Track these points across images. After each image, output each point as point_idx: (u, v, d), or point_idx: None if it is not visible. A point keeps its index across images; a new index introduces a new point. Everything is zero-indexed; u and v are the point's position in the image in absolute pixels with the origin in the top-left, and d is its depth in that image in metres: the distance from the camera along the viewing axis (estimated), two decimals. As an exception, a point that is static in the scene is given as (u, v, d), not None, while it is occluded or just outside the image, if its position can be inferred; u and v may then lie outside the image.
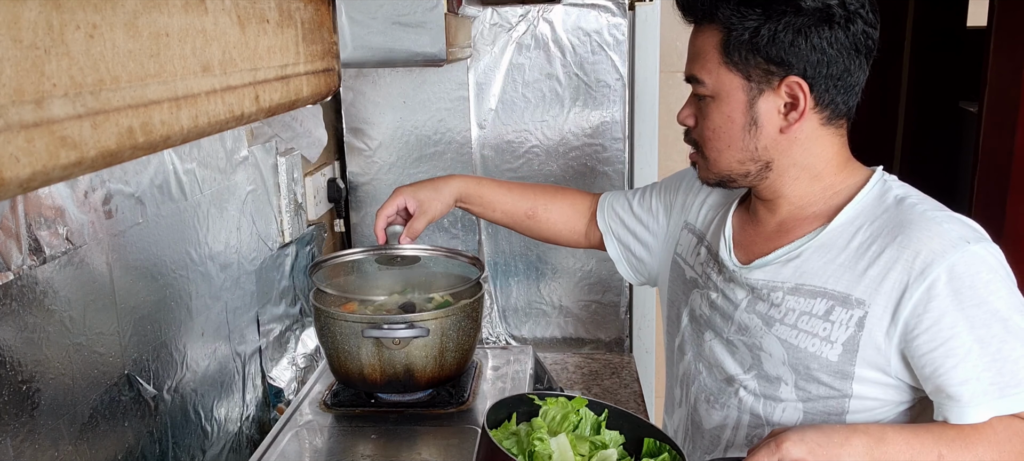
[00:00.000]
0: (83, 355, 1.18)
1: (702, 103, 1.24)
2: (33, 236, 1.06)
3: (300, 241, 2.02)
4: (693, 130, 1.28)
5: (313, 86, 0.94)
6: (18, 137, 0.46)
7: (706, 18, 1.21)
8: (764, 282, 1.28)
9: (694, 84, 1.24)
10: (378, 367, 1.68)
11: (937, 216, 1.17)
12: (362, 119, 2.27)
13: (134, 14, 0.57)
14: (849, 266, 1.19)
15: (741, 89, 1.20)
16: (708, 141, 1.25)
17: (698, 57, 1.23)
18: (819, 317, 1.21)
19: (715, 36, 1.19)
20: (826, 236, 1.23)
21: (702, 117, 1.25)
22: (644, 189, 1.65)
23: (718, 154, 1.25)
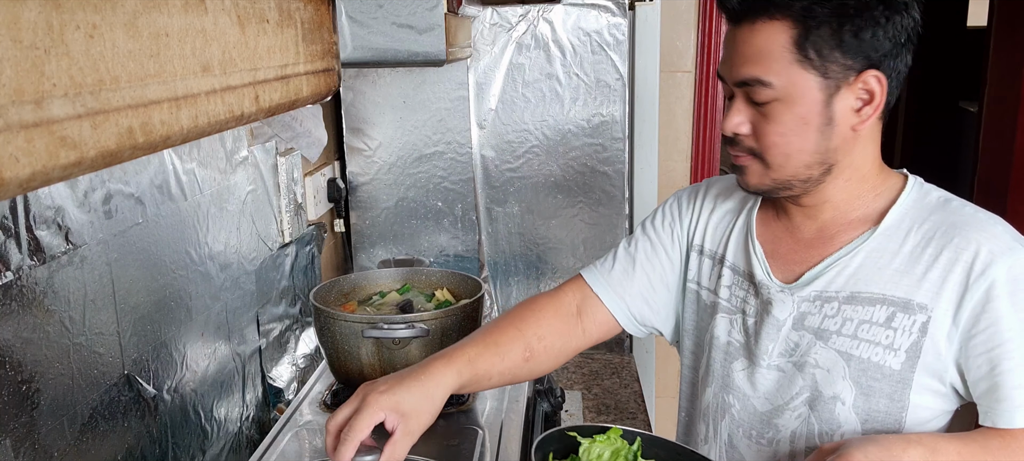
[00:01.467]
0: (83, 355, 1.18)
1: (764, 107, 1.13)
2: (33, 236, 1.06)
3: (300, 241, 2.02)
4: (745, 138, 1.17)
5: (313, 86, 0.94)
6: (18, 137, 0.46)
7: (771, 13, 1.10)
8: (816, 294, 1.20)
9: (752, 87, 1.13)
10: (378, 367, 1.68)
11: (986, 218, 1.15)
12: (362, 119, 2.26)
13: (134, 14, 0.57)
14: (906, 270, 1.15)
15: (817, 88, 1.11)
16: (773, 147, 1.14)
17: (761, 57, 1.11)
18: (880, 324, 1.15)
19: (785, 32, 1.10)
20: (877, 240, 1.17)
21: (765, 122, 1.14)
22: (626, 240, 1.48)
23: (785, 159, 1.15)
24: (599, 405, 2.15)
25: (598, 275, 1.46)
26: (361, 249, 2.35)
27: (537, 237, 2.34)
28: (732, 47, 1.15)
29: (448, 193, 2.29)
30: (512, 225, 2.33)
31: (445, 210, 2.31)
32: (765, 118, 1.13)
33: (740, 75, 1.13)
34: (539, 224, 2.32)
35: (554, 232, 2.33)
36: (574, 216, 2.30)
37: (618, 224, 2.29)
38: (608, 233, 2.30)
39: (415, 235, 2.33)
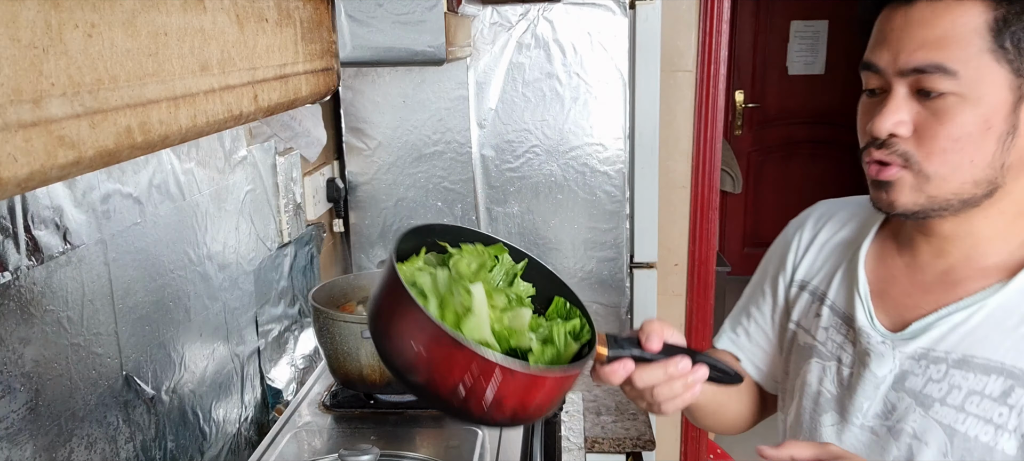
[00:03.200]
0: (81, 355, 1.17)
1: (936, 103, 0.94)
2: (31, 236, 1.06)
3: (299, 241, 2.01)
4: (902, 140, 0.97)
5: (312, 85, 0.94)
6: (16, 137, 0.46)
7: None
8: (922, 352, 1.02)
9: (930, 77, 0.93)
10: (377, 368, 1.67)
11: None
12: (361, 118, 2.26)
13: (132, 13, 0.56)
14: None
15: (1008, 86, 0.92)
16: (942, 153, 0.95)
17: (947, 40, 0.92)
18: (994, 399, 0.96)
19: (980, 14, 0.92)
20: (1007, 295, 0.98)
21: (935, 123, 0.94)
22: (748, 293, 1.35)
23: (953, 171, 0.95)
24: (599, 406, 2.15)
25: (749, 344, 1.34)
26: (360, 249, 2.35)
27: (537, 237, 2.33)
28: (903, 28, 0.96)
29: (448, 193, 2.29)
30: (512, 225, 2.33)
31: (445, 210, 2.30)
32: (936, 117, 0.94)
33: (915, 61, 0.94)
34: (539, 224, 2.32)
35: (554, 232, 2.32)
36: (574, 216, 2.30)
37: (618, 224, 2.28)
38: (608, 233, 2.30)
39: (415, 235, 2.32)
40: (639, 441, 2.06)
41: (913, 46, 0.94)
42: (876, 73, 0.99)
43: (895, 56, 0.96)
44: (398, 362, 0.82)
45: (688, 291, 2.82)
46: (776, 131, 5.96)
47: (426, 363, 0.79)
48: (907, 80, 0.96)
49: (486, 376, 0.79)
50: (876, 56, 0.99)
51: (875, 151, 0.99)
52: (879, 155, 0.98)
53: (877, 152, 0.99)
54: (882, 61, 0.98)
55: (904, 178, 0.98)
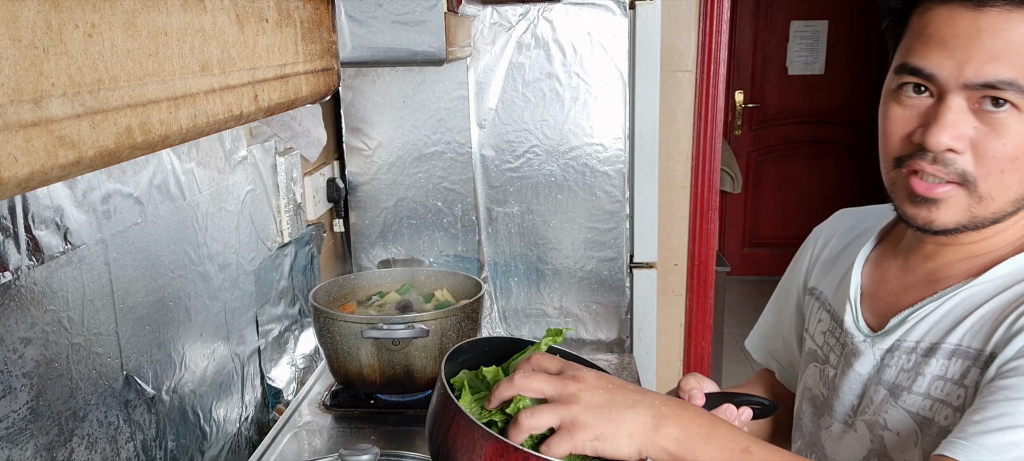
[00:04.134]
0: (82, 355, 1.17)
1: (998, 118, 0.89)
2: (32, 236, 1.06)
3: (299, 241, 2.01)
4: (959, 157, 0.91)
5: (312, 85, 0.94)
6: (16, 137, 0.46)
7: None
8: (896, 343, 1.02)
9: (1002, 91, 0.87)
10: (377, 368, 1.67)
11: None
12: (361, 119, 2.26)
13: (133, 13, 0.56)
14: (990, 319, 0.94)
15: None
16: (1001, 173, 0.90)
17: (1019, 55, 0.86)
18: (954, 382, 0.95)
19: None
20: (976, 287, 0.98)
21: (995, 139, 0.89)
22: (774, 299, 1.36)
23: (1005, 191, 0.91)
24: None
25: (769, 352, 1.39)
26: (360, 249, 2.35)
27: (537, 237, 2.33)
28: (970, 35, 0.88)
29: (448, 193, 2.29)
30: (512, 225, 2.33)
31: (445, 210, 2.30)
32: (996, 133, 0.89)
33: (986, 74, 0.87)
34: (539, 224, 2.32)
35: (554, 232, 2.32)
36: (574, 216, 2.30)
37: (618, 224, 2.29)
38: (608, 233, 2.30)
39: (415, 235, 2.33)
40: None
41: (984, 58, 0.87)
42: (928, 78, 0.92)
43: (961, 66, 0.88)
44: None
45: (688, 291, 2.82)
46: (776, 131, 5.96)
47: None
48: (971, 92, 0.89)
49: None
50: (933, 63, 0.90)
51: (927, 166, 0.92)
52: (933, 171, 0.92)
53: (930, 168, 0.92)
54: (943, 70, 0.90)
55: (957, 197, 0.93)
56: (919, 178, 0.94)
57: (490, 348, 1.03)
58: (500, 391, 0.88)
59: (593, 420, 0.83)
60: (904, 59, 0.94)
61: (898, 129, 0.96)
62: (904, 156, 0.96)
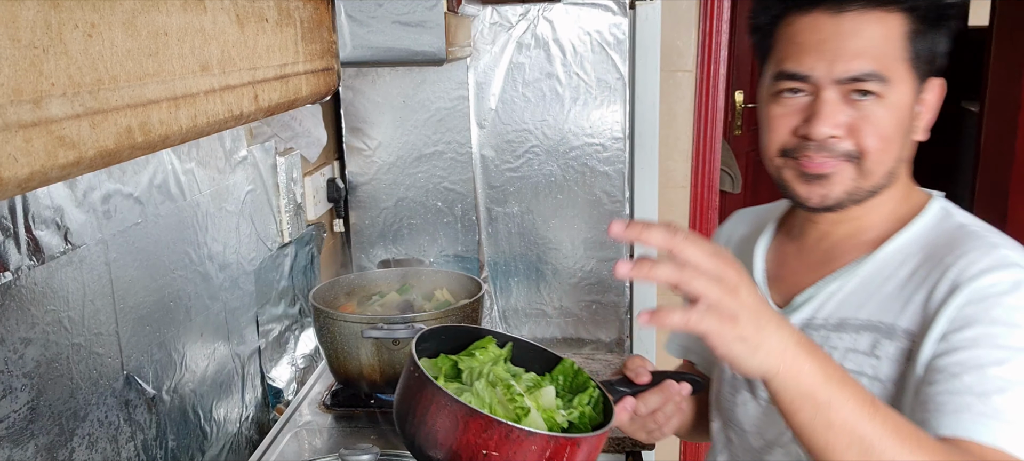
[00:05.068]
0: (82, 355, 1.17)
1: (865, 105, 1.03)
2: (32, 236, 1.06)
3: (299, 241, 2.01)
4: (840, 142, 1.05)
5: (312, 85, 0.94)
6: (16, 137, 0.46)
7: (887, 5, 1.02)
8: (806, 320, 1.11)
9: (865, 82, 1.02)
10: (377, 367, 1.67)
11: (994, 239, 1.05)
12: (362, 119, 2.26)
13: (132, 13, 0.56)
14: (896, 295, 1.05)
15: (912, 88, 1.04)
16: (876, 151, 1.04)
17: (877, 50, 1.01)
18: (864, 353, 1.05)
19: (899, 25, 1.02)
20: (874, 264, 1.08)
21: (865, 122, 1.03)
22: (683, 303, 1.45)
23: (881, 164, 1.05)
24: (599, 405, 2.15)
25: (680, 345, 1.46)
26: (360, 249, 2.35)
27: (537, 237, 2.33)
28: (834, 38, 1.02)
29: (448, 193, 2.29)
30: (512, 225, 2.33)
31: (445, 210, 2.30)
32: (866, 118, 1.03)
33: (853, 69, 1.01)
34: (539, 224, 2.32)
35: (554, 232, 2.32)
36: (574, 216, 2.30)
37: (618, 224, 2.28)
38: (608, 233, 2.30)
39: (415, 235, 2.33)
40: (639, 441, 2.05)
41: (849, 56, 1.01)
42: (802, 81, 1.04)
43: (830, 65, 1.02)
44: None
45: (688, 291, 2.81)
46: (776, 131, 5.93)
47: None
48: (841, 87, 1.02)
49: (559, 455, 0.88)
50: (807, 66, 1.03)
51: (814, 154, 1.05)
52: (820, 157, 1.05)
53: (817, 155, 1.05)
54: (816, 70, 1.03)
55: (846, 170, 1.05)
56: (809, 159, 1.05)
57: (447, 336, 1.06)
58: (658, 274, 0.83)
59: (746, 319, 0.81)
60: (780, 67, 1.06)
61: (783, 126, 1.07)
62: (790, 149, 1.08)
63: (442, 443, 0.89)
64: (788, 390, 0.83)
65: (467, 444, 0.87)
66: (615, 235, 0.82)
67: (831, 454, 0.84)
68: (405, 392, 0.95)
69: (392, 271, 2.00)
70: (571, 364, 1.07)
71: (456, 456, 0.88)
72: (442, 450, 0.89)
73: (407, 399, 0.94)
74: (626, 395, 1.05)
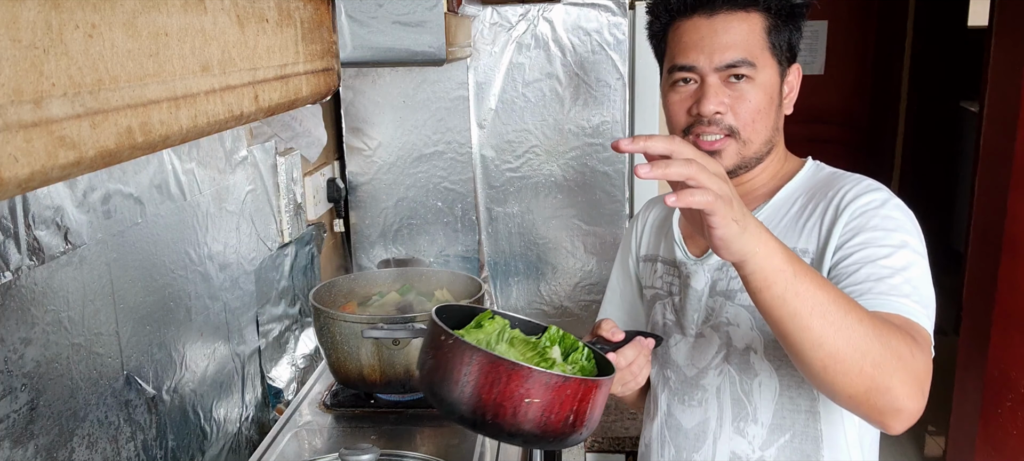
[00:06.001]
0: (82, 355, 1.17)
1: (739, 87, 1.27)
2: (32, 236, 1.06)
3: (299, 241, 2.01)
4: (724, 116, 1.28)
5: (312, 85, 0.94)
6: (17, 137, 0.46)
7: (747, 6, 1.27)
8: (720, 262, 1.34)
9: (739, 68, 1.26)
10: (378, 367, 1.67)
11: (861, 177, 1.31)
12: (362, 119, 2.26)
13: (133, 14, 0.56)
14: (792, 226, 1.30)
15: (776, 72, 1.29)
16: (751, 122, 1.28)
17: (745, 42, 1.26)
18: None
19: (760, 22, 1.27)
20: (771, 208, 1.33)
21: (741, 101, 1.27)
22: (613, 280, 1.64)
23: (756, 134, 1.29)
24: (599, 405, 2.15)
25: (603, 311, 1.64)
26: (361, 249, 2.35)
27: (537, 237, 2.34)
28: (709, 35, 1.27)
29: (448, 193, 2.29)
30: (512, 225, 2.33)
31: (445, 210, 2.30)
32: (741, 97, 1.27)
33: (727, 58, 1.26)
34: (539, 224, 2.32)
35: (554, 232, 2.33)
36: (574, 216, 2.30)
37: (618, 224, 2.29)
38: (608, 233, 2.30)
39: (415, 235, 2.33)
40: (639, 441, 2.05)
41: (723, 48, 1.26)
42: (690, 71, 1.29)
43: (709, 57, 1.26)
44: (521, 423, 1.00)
45: (688, 291, 2.82)
46: (776, 131, 5.94)
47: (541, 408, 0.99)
48: (721, 73, 1.26)
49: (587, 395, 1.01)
50: (692, 59, 1.28)
51: (705, 129, 1.28)
52: (709, 131, 1.28)
53: (707, 129, 1.28)
54: (699, 62, 1.27)
55: (729, 145, 1.29)
56: (702, 138, 1.29)
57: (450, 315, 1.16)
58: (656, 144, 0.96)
59: (737, 204, 0.96)
60: (673, 62, 1.31)
61: (680, 109, 1.32)
62: (688, 126, 1.31)
63: (486, 398, 0.99)
64: (764, 267, 0.97)
65: (511, 394, 0.97)
66: (623, 149, 0.96)
67: (798, 319, 0.99)
68: (439, 362, 1.03)
69: (392, 271, 2.00)
70: (557, 329, 1.19)
71: (500, 407, 0.98)
72: (487, 404, 0.99)
73: (443, 367, 1.03)
74: (608, 352, 1.21)
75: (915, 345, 1.06)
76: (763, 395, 1.32)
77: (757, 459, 1.33)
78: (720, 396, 1.35)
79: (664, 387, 1.44)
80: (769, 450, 1.32)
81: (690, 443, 1.39)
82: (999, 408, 2.99)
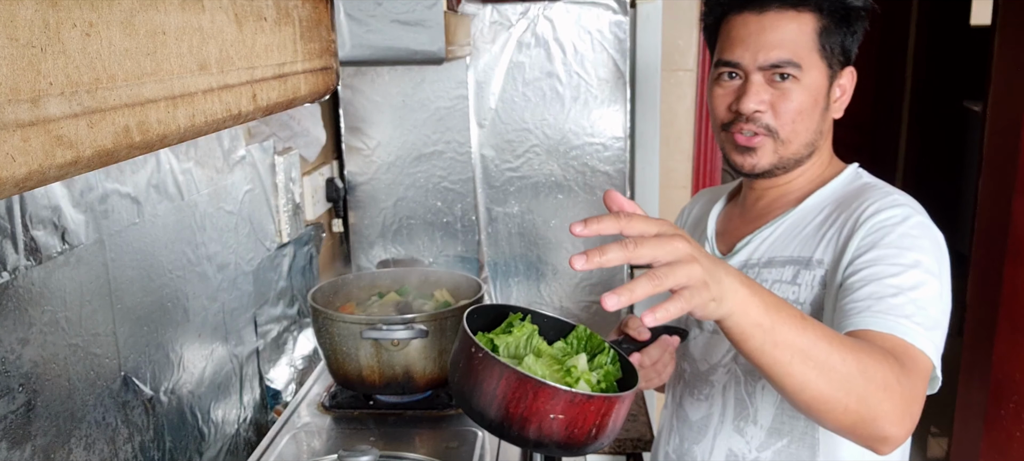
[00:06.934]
0: (79, 356, 1.17)
1: (783, 87, 1.27)
2: (29, 236, 1.05)
3: (298, 241, 2.01)
4: (763, 115, 1.29)
5: (311, 84, 0.93)
6: (14, 136, 0.45)
7: (799, 6, 1.27)
8: (742, 262, 1.36)
9: (783, 68, 1.26)
10: (377, 368, 1.67)
11: (892, 190, 1.29)
12: (361, 118, 2.26)
13: (131, 12, 0.56)
14: (813, 235, 1.30)
15: (825, 75, 1.29)
16: (791, 123, 1.28)
17: (793, 42, 1.26)
18: (788, 282, 1.29)
19: (811, 23, 1.27)
20: (798, 213, 1.33)
21: (784, 101, 1.27)
22: None
23: (796, 135, 1.29)
24: (599, 406, 2.15)
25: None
26: (360, 249, 2.34)
27: (537, 237, 2.33)
28: (757, 32, 1.27)
29: (447, 193, 2.28)
30: (512, 225, 2.33)
31: (444, 210, 2.30)
32: (784, 97, 1.27)
33: (771, 58, 1.26)
34: (539, 224, 2.32)
35: (554, 232, 2.32)
36: (574, 216, 2.30)
37: (618, 224, 2.28)
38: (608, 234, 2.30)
39: (414, 235, 2.32)
40: (639, 442, 2.05)
41: (769, 46, 1.26)
42: (735, 67, 1.29)
43: (755, 54, 1.27)
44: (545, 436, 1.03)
45: (688, 291, 2.81)
46: (775, 130, 5.94)
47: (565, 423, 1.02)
48: (764, 71, 1.27)
49: (610, 410, 1.04)
50: (738, 55, 1.28)
51: (744, 125, 1.29)
52: (748, 128, 1.29)
53: (746, 126, 1.29)
54: (744, 59, 1.28)
55: (767, 143, 1.30)
56: (741, 134, 1.30)
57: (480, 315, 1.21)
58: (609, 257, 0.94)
59: (712, 282, 0.93)
60: (719, 56, 1.32)
61: (722, 104, 1.32)
62: (728, 123, 1.32)
63: (513, 412, 1.02)
64: (740, 324, 0.97)
65: (537, 410, 1.01)
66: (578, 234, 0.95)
67: (779, 367, 1.00)
68: (468, 371, 1.07)
69: (392, 271, 2.00)
70: (584, 329, 1.21)
71: (526, 421, 1.02)
72: (513, 417, 1.02)
73: (473, 377, 1.06)
74: (633, 352, 1.22)
75: (903, 371, 1.05)
76: (765, 398, 1.33)
77: (753, 459, 1.34)
78: (725, 394, 1.37)
79: (679, 378, 1.47)
80: (765, 452, 1.33)
81: (693, 435, 1.42)
82: (1003, 410, 2.98)
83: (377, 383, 1.69)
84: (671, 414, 1.49)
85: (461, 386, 1.09)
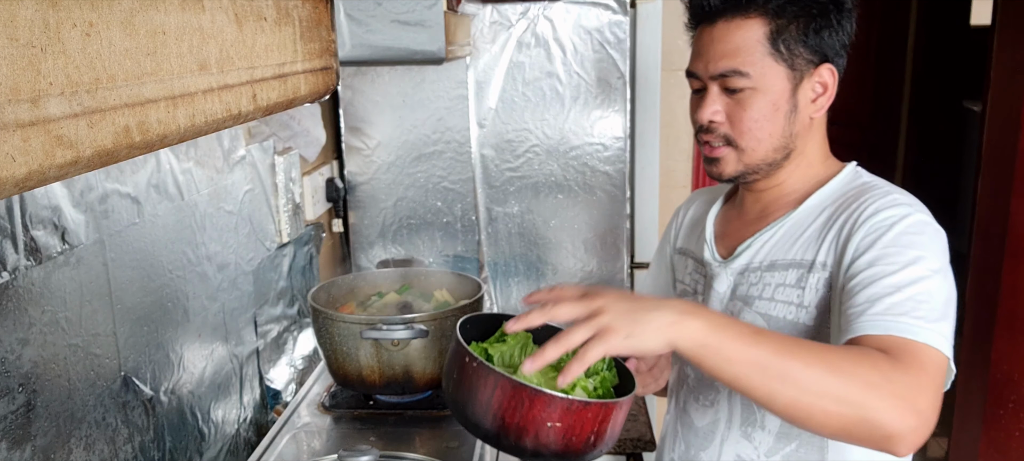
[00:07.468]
0: (79, 356, 1.17)
1: (738, 96, 1.26)
2: (29, 236, 1.05)
3: (298, 241, 2.01)
4: (720, 125, 1.28)
5: (311, 84, 0.93)
6: (14, 136, 0.45)
7: (747, 12, 1.24)
8: (744, 266, 1.35)
9: (730, 78, 1.25)
10: (377, 368, 1.67)
11: (892, 189, 1.28)
12: (361, 118, 2.26)
13: (131, 12, 0.56)
14: (815, 237, 1.28)
15: (786, 78, 1.25)
16: (747, 132, 1.27)
17: (738, 51, 1.24)
18: (792, 286, 1.28)
19: (759, 29, 1.24)
20: (798, 215, 1.32)
21: (740, 110, 1.26)
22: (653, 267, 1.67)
23: (757, 143, 1.28)
24: (599, 406, 2.15)
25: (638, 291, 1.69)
26: (360, 249, 2.34)
27: (537, 237, 2.33)
28: (709, 43, 1.27)
29: (447, 193, 2.28)
30: (512, 225, 2.33)
31: (444, 210, 2.30)
32: (740, 106, 1.26)
33: (718, 68, 1.25)
34: (539, 224, 2.32)
35: (554, 232, 2.32)
36: (574, 216, 2.30)
37: (619, 224, 2.28)
38: (609, 233, 2.30)
39: (414, 235, 2.32)
40: (639, 442, 2.05)
41: (717, 57, 1.25)
42: (697, 78, 1.30)
43: (706, 65, 1.27)
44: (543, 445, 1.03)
45: (688, 291, 2.81)
46: (775, 130, 5.93)
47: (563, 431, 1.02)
48: (717, 81, 1.26)
49: (607, 416, 1.04)
50: (694, 66, 1.30)
51: (704, 136, 1.31)
52: (706, 138, 1.31)
53: (705, 137, 1.30)
54: (698, 69, 1.29)
55: (727, 154, 1.30)
56: (707, 145, 1.32)
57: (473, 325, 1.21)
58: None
59: (622, 323, 1.00)
60: (686, 67, 1.33)
61: (692, 114, 1.33)
62: (696, 132, 1.33)
63: (508, 421, 1.02)
64: (686, 349, 1.00)
65: (533, 419, 1.00)
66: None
67: (741, 381, 1.01)
68: (462, 380, 1.07)
69: (391, 271, 2.00)
70: None
71: (523, 430, 1.01)
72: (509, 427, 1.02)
73: (466, 387, 1.06)
74: (630, 357, 1.21)
75: (895, 366, 1.04)
76: None
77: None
78: (731, 399, 1.36)
79: (682, 384, 1.46)
80: (774, 457, 1.31)
81: (699, 441, 1.40)
82: (1002, 409, 2.98)
83: (377, 383, 1.69)
84: (675, 420, 1.47)
85: (455, 397, 1.07)
